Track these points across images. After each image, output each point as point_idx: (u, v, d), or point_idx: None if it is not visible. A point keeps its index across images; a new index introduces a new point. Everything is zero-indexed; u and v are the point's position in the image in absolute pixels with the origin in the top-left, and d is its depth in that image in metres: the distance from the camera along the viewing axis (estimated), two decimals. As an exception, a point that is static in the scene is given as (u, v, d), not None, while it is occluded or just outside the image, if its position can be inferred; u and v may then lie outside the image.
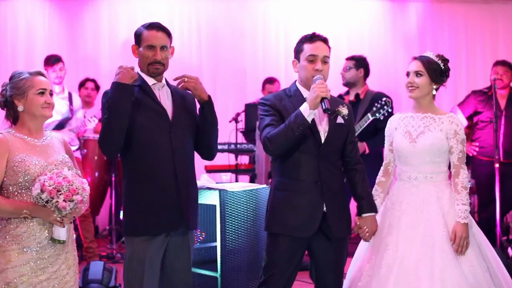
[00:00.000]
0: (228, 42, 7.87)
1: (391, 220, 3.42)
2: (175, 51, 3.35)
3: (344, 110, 3.29)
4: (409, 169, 3.46)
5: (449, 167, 3.51)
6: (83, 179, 2.90)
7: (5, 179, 2.87)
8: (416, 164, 3.43)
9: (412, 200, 3.40)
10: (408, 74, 3.48)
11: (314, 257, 3.33)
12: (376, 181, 3.62)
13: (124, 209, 3.28)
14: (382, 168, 3.64)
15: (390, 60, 8.13)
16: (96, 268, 4.77)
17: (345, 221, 3.33)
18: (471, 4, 8.28)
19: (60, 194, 2.77)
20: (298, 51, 3.35)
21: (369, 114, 5.21)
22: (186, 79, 3.20)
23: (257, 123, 3.66)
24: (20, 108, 2.95)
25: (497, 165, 5.72)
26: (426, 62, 3.44)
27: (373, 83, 7.96)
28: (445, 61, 3.51)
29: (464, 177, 3.40)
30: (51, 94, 3.02)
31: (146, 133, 3.16)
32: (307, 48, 3.30)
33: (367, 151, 5.45)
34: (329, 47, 3.34)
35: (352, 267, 3.54)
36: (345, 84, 5.74)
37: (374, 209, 3.39)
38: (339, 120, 3.31)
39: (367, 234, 3.36)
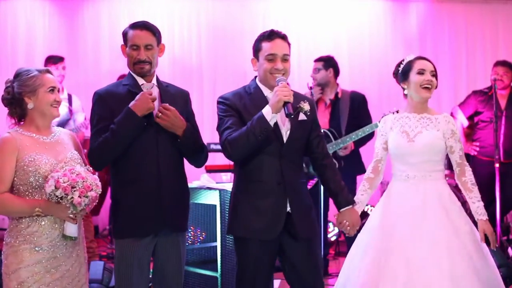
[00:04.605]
0: (228, 42, 7.86)
1: (393, 221, 3.40)
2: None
3: (306, 106, 3.16)
4: (407, 168, 3.45)
5: (447, 167, 3.51)
6: (94, 176, 2.90)
7: (15, 178, 2.86)
8: (414, 163, 3.43)
9: (413, 199, 3.39)
10: (422, 71, 3.45)
11: (284, 257, 3.23)
12: (365, 176, 3.61)
13: (112, 212, 3.29)
14: (372, 164, 3.62)
15: (390, 60, 8.10)
16: (96, 268, 4.78)
17: (310, 220, 3.25)
18: (471, 4, 8.27)
19: (75, 191, 2.77)
20: (256, 49, 3.21)
21: (377, 122, 5.20)
22: (160, 114, 3.12)
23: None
24: (30, 105, 2.93)
25: (497, 165, 5.73)
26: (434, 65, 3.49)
27: (373, 83, 8.00)
28: None
29: (470, 173, 3.44)
30: (58, 91, 3.02)
31: None
32: (266, 46, 3.16)
33: (353, 147, 5.46)
34: (289, 44, 3.22)
35: (348, 267, 3.50)
36: (317, 86, 5.67)
37: (350, 201, 3.31)
38: (301, 117, 3.19)
39: (349, 227, 3.30)
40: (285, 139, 3.17)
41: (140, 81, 3.25)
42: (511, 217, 6.88)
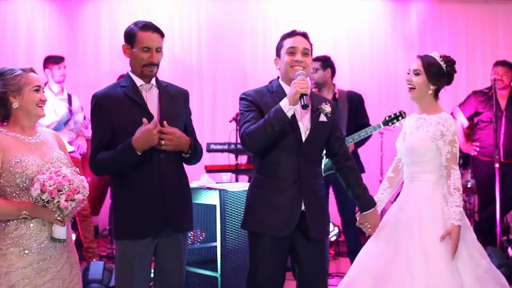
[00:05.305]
0: (228, 42, 7.86)
1: (384, 221, 3.45)
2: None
3: (327, 108, 3.24)
4: (404, 169, 3.50)
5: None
6: (81, 176, 2.84)
7: (1, 180, 2.80)
8: (406, 164, 3.47)
9: (400, 201, 3.44)
10: (409, 70, 3.46)
11: (296, 256, 3.27)
12: (386, 175, 3.63)
13: (112, 212, 3.28)
14: (393, 163, 3.64)
15: (390, 60, 8.13)
16: (96, 268, 4.77)
17: (323, 222, 3.29)
18: (472, 4, 8.28)
19: (61, 194, 2.71)
20: (279, 48, 3.31)
21: (380, 123, 5.19)
22: (163, 142, 3.11)
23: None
24: (15, 105, 2.87)
25: (497, 165, 5.73)
26: (426, 62, 3.41)
27: (373, 83, 8.01)
28: (449, 62, 3.45)
29: (455, 178, 3.29)
30: (43, 90, 2.97)
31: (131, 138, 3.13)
32: (287, 42, 3.26)
33: (353, 147, 5.46)
34: (310, 43, 3.31)
35: (354, 267, 3.50)
36: (315, 86, 5.67)
37: (372, 204, 3.36)
38: (322, 118, 3.26)
39: (370, 229, 3.37)
40: (303, 138, 3.21)
41: (139, 82, 3.23)
42: (511, 217, 6.88)
